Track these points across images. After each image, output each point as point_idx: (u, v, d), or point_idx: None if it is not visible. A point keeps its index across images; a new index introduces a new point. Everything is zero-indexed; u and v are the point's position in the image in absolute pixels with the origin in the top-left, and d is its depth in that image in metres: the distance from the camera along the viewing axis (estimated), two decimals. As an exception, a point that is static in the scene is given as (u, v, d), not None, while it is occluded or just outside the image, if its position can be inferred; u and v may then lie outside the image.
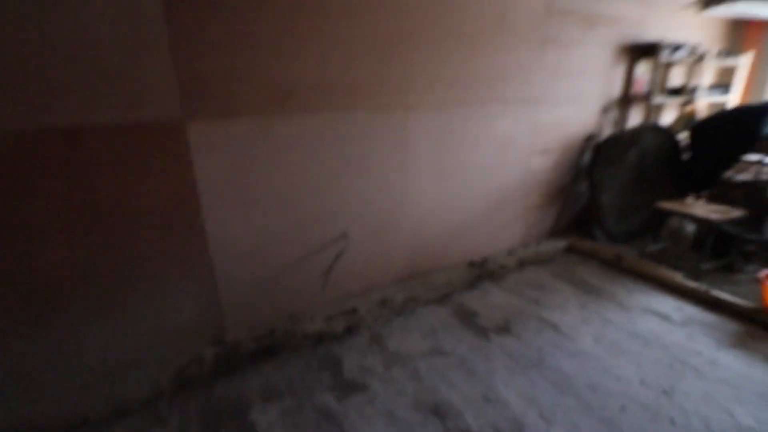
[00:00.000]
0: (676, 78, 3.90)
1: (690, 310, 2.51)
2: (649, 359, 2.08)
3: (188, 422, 1.76)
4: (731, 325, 2.35)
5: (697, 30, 3.97)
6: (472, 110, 2.78)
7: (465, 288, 2.85)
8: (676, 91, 3.81)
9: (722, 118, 3.47)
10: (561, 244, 3.50)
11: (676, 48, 3.50)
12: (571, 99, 3.33)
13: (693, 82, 3.92)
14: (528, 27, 2.84)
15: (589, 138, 3.55)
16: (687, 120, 3.87)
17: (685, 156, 3.63)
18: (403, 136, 2.53)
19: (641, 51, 3.49)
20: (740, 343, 2.20)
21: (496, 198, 3.18)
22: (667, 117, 4.09)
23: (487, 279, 2.97)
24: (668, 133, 3.62)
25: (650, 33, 3.56)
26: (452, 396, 1.87)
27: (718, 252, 3.03)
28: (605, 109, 3.59)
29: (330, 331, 2.35)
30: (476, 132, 2.86)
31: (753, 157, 3.31)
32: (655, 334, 2.28)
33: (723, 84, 4.20)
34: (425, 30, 2.38)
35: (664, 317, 2.44)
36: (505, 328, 2.37)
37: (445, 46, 2.49)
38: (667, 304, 2.59)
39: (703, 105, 4.15)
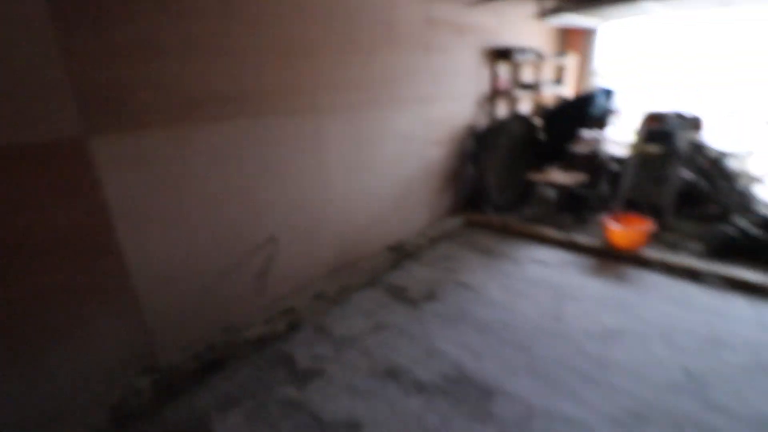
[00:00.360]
0: (526, 75, 4.80)
1: (561, 255, 3.21)
2: (541, 296, 2.63)
3: (144, 450, 1.68)
4: (590, 260, 3.10)
5: (537, 36, 4.94)
6: (375, 111, 3.06)
7: (390, 269, 3.14)
8: (527, 86, 4.68)
9: (562, 105, 4.41)
10: (460, 220, 4.05)
11: (524, 51, 4.32)
12: (453, 96, 3.87)
13: (538, 78, 4.86)
14: (413, 35, 3.24)
15: (470, 128, 4.16)
16: (539, 108, 4.80)
17: (541, 136, 4.50)
18: (318, 138, 2.68)
19: (499, 54, 4.22)
20: (597, 271, 2.93)
21: (403, 187, 3.54)
22: (524, 106, 4.99)
23: (407, 259, 3.31)
24: (528, 120, 4.45)
25: (504, 39, 4.32)
26: (400, 359, 2.13)
27: (573, 208, 3.89)
28: (479, 104, 4.24)
29: (272, 332, 2.39)
30: (381, 130, 3.16)
31: (587, 133, 4.31)
32: (541, 277, 2.88)
33: (558, 78, 5.29)
34: (328, 38, 2.57)
35: (545, 263, 3.09)
36: (430, 296, 2.72)
37: (346, 53, 2.71)
38: (545, 253, 3.26)
39: (548, 96, 5.17)
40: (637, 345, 2.14)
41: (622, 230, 3.06)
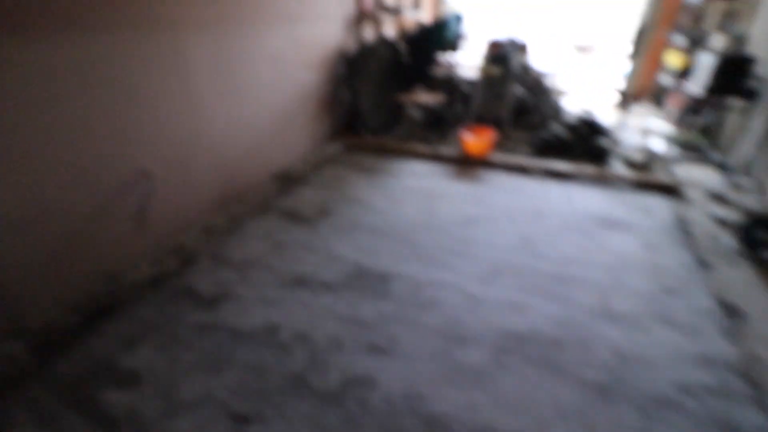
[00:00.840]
0: (387, -2, 4.88)
1: (431, 166, 3.71)
2: (417, 200, 3.07)
3: (42, 413, 1.56)
4: (452, 168, 3.66)
5: (393, -44, 4.96)
6: (243, 28, 2.83)
7: (279, 195, 3.18)
8: (390, 9, 4.80)
9: (422, 30, 4.70)
10: (340, 144, 4.20)
11: (384, -29, 4.35)
12: (320, 16, 3.76)
13: (399, 3, 5.00)
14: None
15: (341, 52, 4.16)
16: (402, 33, 5.01)
17: (406, 60, 4.79)
18: (180, 57, 2.40)
19: (361, -28, 4.17)
20: (458, 176, 3.50)
21: (281, 113, 3.46)
22: (388, 30, 5.14)
23: (294, 184, 3.38)
24: (394, 44, 4.64)
25: (364, -45, 4.25)
26: (305, 268, 2.31)
27: (436, 125, 4.39)
28: (347, 26, 4.22)
29: (164, 271, 2.29)
30: (251, 51, 2.96)
31: (442, 57, 4.74)
32: (416, 185, 3.32)
33: (416, 3, 5.52)
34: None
35: (418, 174, 3.54)
36: (324, 213, 2.91)
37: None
38: (418, 166, 3.72)
39: (409, 20, 5.40)
40: (489, 225, 2.75)
41: (473, 141, 3.66)
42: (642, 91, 5.41)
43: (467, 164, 3.71)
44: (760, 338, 1.82)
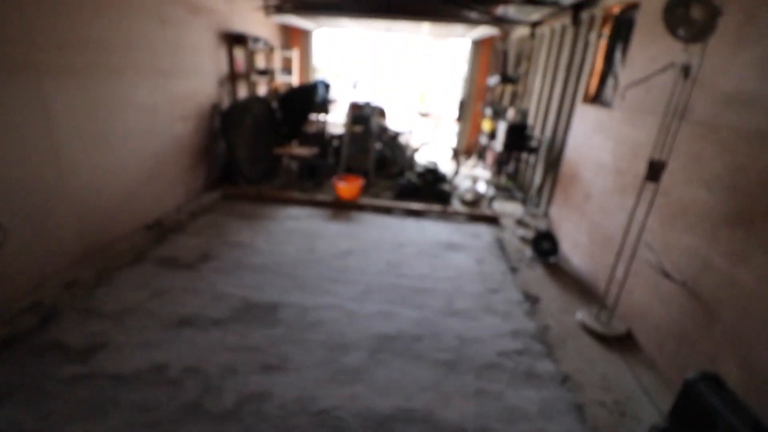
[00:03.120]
0: (260, 62, 5.36)
1: (308, 210, 4.11)
2: (298, 239, 3.40)
3: None
4: (327, 211, 4.12)
5: (266, 29, 5.55)
6: (112, 78, 2.89)
7: (154, 245, 3.12)
8: (262, 72, 5.27)
9: (294, 92, 5.27)
10: (216, 194, 4.29)
11: (256, 40, 4.85)
12: (195, 72, 3.98)
13: (271, 66, 5.53)
14: (144, 5, 3.18)
15: (215, 107, 4.39)
16: (274, 93, 5.49)
17: (279, 117, 5.24)
18: (43, 103, 2.36)
19: (234, 39, 4.59)
20: (334, 217, 3.97)
21: (152, 163, 3.47)
22: (261, 90, 5.57)
23: (170, 233, 3.35)
24: (266, 102, 5.06)
25: (237, 26, 4.70)
26: (189, 310, 2.38)
27: (311, 175, 4.87)
28: (221, 83, 4.51)
29: (22, 329, 2.08)
30: (121, 100, 3.01)
31: (314, 116, 5.35)
32: (296, 227, 3.66)
33: (287, 68, 6.14)
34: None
35: (297, 218, 3.89)
36: (205, 257, 2.98)
37: (67, 6, 2.46)
38: (296, 210, 4.07)
39: (280, 83, 5.95)
40: (361, 255, 3.23)
41: (345, 187, 4.23)
42: (469, 147, 6.95)
43: (340, 207, 4.23)
44: (549, 314, 2.63)
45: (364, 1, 4.79)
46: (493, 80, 5.68)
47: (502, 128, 4.60)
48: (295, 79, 6.32)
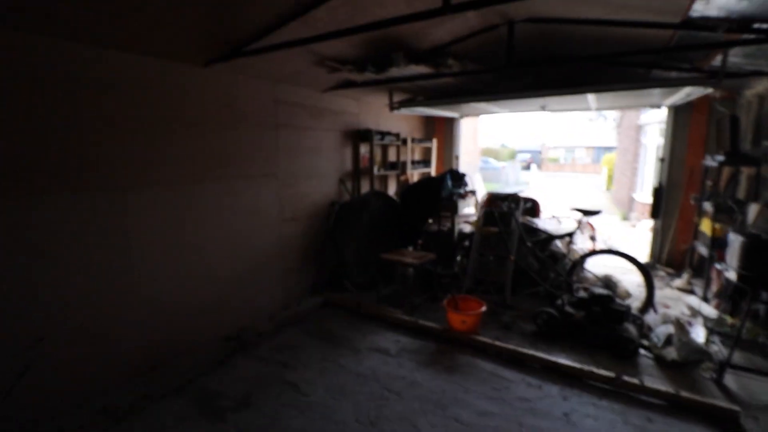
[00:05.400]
0: (392, 155, 5.06)
1: (405, 341, 3.12)
2: (365, 395, 2.43)
3: None
4: (430, 346, 3.04)
5: (404, 121, 5.34)
6: (212, 185, 2.88)
7: (212, 367, 2.72)
8: (392, 165, 4.92)
9: (418, 185, 4.64)
10: (318, 300, 3.83)
11: (384, 134, 4.57)
12: (310, 173, 3.85)
13: (403, 159, 5.16)
14: (260, 114, 3.21)
15: (332, 204, 4.13)
16: (403, 187, 5.02)
17: (400, 212, 4.65)
18: (116, 215, 2.35)
19: (360, 136, 4.41)
20: (432, 360, 2.85)
21: (250, 265, 3.27)
22: (392, 185, 5.21)
23: (239, 352, 2.93)
24: (388, 197, 4.58)
25: (366, 123, 4.55)
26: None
27: (425, 287, 3.93)
28: (342, 180, 4.29)
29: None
30: (219, 205, 2.94)
31: (443, 213, 4.54)
32: (374, 369, 2.71)
33: (425, 159, 5.70)
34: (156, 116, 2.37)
35: (385, 351, 2.95)
36: (244, 403, 2.35)
37: (170, 130, 2.55)
38: (389, 339, 3.14)
39: (415, 175, 5.49)
40: (444, 452, 2.00)
41: (457, 316, 3.10)
42: (678, 256, 4.68)
43: (448, 342, 3.08)
44: None
45: (507, 80, 3.97)
46: (714, 160, 3.73)
47: (736, 243, 2.71)
48: (433, 171, 5.79)
